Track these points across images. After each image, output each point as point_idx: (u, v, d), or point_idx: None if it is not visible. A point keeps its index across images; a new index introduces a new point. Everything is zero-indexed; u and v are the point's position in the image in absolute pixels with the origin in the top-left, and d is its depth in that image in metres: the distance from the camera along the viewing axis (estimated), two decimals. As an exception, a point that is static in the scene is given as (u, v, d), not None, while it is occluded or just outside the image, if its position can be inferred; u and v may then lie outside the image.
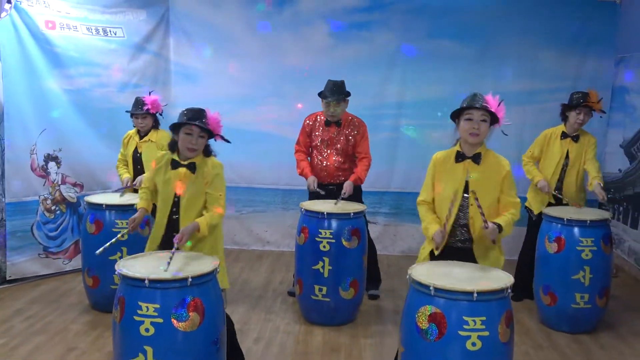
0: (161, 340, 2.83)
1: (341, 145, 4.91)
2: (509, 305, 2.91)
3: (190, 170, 3.34)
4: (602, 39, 6.16)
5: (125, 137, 5.21)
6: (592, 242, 4.31)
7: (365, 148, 4.93)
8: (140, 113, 5.00)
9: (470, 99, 3.26)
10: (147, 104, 4.98)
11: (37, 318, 4.51)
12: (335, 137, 4.91)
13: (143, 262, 3.10)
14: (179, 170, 3.34)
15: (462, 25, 6.23)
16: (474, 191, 3.19)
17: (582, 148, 4.85)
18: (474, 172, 3.26)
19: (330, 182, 4.92)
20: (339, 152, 4.91)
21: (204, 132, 3.31)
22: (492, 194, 3.27)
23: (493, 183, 3.26)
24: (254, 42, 6.40)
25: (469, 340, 2.75)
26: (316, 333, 4.36)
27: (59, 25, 5.38)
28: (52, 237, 5.48)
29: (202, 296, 2.91)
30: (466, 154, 3.29)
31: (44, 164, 5.36)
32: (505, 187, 3.27)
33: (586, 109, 4.80)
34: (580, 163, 4.85)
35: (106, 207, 4.63)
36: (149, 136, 5.08)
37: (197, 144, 3.30)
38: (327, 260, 4.36)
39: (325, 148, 4.93)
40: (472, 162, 3.28)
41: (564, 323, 4.45)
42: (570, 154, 4.86)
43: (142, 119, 5.03)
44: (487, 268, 3.16)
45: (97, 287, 4.62)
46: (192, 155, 3.34)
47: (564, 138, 4.88)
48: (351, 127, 4.93)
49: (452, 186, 3.26)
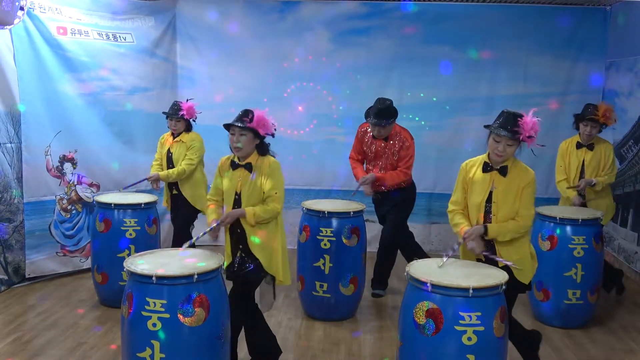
0: (168, 334, 2.83)
1: (386, 159, 4.82)
2: (504, 301, 2.90)
3: (247, 169, 3.39)
4: (593, 44, 6.15)
5: (162, 138, 5.25)
6: (583, 240, 4.29)
7: (404, 161, 4.77)
8: (175, 116, 5.02)
9: (502, 121, 3.16)
10: (183, 109, 5.01)
11: (49, 313, 4.50)
12: (382, 150, 4.83)
13: (151, 259, 3.10)
14: (237, 170, 3.41)
15: (457, 32, 6.22)
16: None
17: (598, 156, 4.80)
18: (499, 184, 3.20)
19: (374, 189, 4.86)
20: (384, 165, 4.83)
21: (245, 130, 3.32)
22: (514, 206, 3.19)
23: (515, 192, 3.19)
24: (257, 48, 6.39)
25: (465, 335, 2.75)
26: (317, 328, 4.35)
27: (71, 31, 5.37)
28: (69, 236, 5.46)
29: (207, 292, 2.91)
30: (494, 166, 3.24)
31: (59, 164, 5.36)
32: (524, 196, 3.19)
33: (592, 122, 4.76)
34: (598, 171, 4.79)
35: (115, 206, 4.62)
36: (180, 137, 5.11)
37: (240, 142, 3.34)
38: (328, 257, 4.35)
39: (374, 159, 4.87)
40: (498, 173, 3.22)
41: (556, 318, 4.43)
42: (585, 162, 4.83)
43: (176, 122, 5.06)
44: (483, 265, 3.16)
45: (106, 284, 4.62)
46: (239, 154, 3.39)
47: (579, 148, 4.85)
48: (397, 140, 4.79)
49: (478, 195, 3.22)
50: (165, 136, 5.22)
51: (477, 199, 3.23)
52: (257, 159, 3.41)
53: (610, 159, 4.81)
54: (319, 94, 5.51)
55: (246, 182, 3.38)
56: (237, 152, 3.39)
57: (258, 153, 3.42)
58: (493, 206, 3.20)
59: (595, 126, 4.78)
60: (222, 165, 3.50)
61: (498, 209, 3.19)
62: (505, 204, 3.18)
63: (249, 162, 3.40)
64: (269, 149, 3.47)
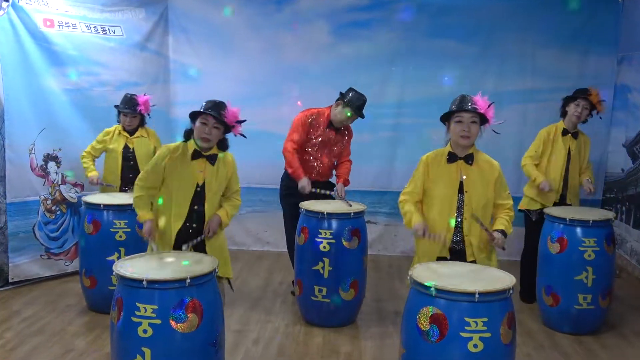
0: (159, 341, 2.82)
1: (336, 148, 4.97)
2: (511, 307, 2.90)
3: (210, 162, 3.40)
4: (604, 37, 6.14)
5: (108, 133, 5.23)
6: (594, 243, 4.29)
7: (349, 151, 5.06)
8: (132, 113, 5.03)
9: (459, 101, 3.35)
10: (140, 104, 5.02)
11: (34, 319, 4.49)
12: (334, 139, 4.92)
13: (142, 263, 3.09)
14: (199, 160, 3.39)
15: (463, 24, 6.21)
16: (474, 215, 3.27)
17: (580, 145, 4.94)
18: (466, 173, 3.35)
19: (319, 180, 4.94)
20: (334, 154, 4.97)
21: (219, 123, 3.33)
22: (486, 194, 3.35)
23: (485, 184, 3.35)
24: (253, 41, 6.38)
25: (471, 342, 2.73)
26: (316, 334, 4.34)
27: (58, 23, 5.35)
28: (53, 238, 5.45)
29: (200, 297, 2.90)
30: (458, 155, 3.35)
31: (43, 163, 5.34)
32: (498, 189, 3.38)
33: (585, 102, 4.80)
34: (580, 160, 4.93)
35: (104, 207, 4.60)
36: (139, 132, 5.16)
37: (211, 135, 3.34)
38: (327, 260, 4.34)
39: (323, 148, 4.92)
40: (464, 162, 3.35)
41: (566, 324, 4.42)
42: (571, 150, 4.91)
43: (132, 118, 5.12)
44: (489, 268, 3.16)
45: (95, 288, 4.60)
46: (206, 146, 3.38)
47: (565, 135, 4.89)
48: (346, 131, 5.02)
49: (447, 186, 3.33)
50: (118, 130, 5.22)
51: (448, 191, 3.33)
52: (217, 152, 3.46)
53: (587, 152, 4.98)
54: (318, 89, 5.51)
55: (213, 175, 3.40)
56: (204, 143, 3.37)
57: (218, 147, 3.46)
58: (465, 196, 3.32)
59: (587, 107, 4.82)
60: (172, 153, 3.39)
61: (470, 199, 3.31)
62: (476, 194, 3.32)
63: (214, 153, 3.43)
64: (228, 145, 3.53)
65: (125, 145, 5.18)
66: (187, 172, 3.39)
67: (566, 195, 4.93)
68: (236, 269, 5.82)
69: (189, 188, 3.39)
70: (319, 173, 4.94)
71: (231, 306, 4.73)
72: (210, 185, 3.42)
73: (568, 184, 4.92)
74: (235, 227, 6.54)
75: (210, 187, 3.42)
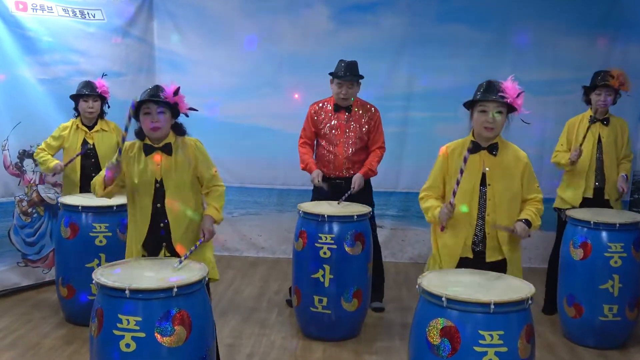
0: (143, 356, 2.81)
1: (353, 133, 4.85)
2: (530, 318, 2.90)
3: (166, 152, 3.36)
4: (633, 23, 6.12)
5: (65, 128, 5.17)
6: (621, 248, 4.28)
7: (380, 138, 4.92)
8: (92, 94, 5.04)
9: (485, 88, 3.29)
10: (98, 86, 5.05)
11: (6, 332, 4.49)
12: (345, 124, 4.86)
13: (124, 271, 3.08)
14: (153, 155, 3.36)
15: (477, 8, 6.20)
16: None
17: (615, 131, 4.85)
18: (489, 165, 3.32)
19: (338, 175, 4.88)
20: (350, 141, 4.85)
21: (163, 107, 3.31)
22: (512, 188, 3.33)
23: (511, 176, 3.33)
24: (246, 27, 6.38)
25: (486, 357, 2.73)
26: (315, 349, 4.34)
27: (32, 6, 5.35)
28: (29, 243, 5.43)
29: (188, 308, 2.89)
30: (481, 145, 3.33)
31: (18, 161, 5.34)
32: (526, 181, 3.35)
33: (606, 89, 4.77)
34: (616, 148, 4.84)
35: (82, 209, 4.59)
36: (99, 125, 5.15)
37: (160, 122, 3.31)
38: (328, 268, 4.33)
39: (335, 137, 4.87)
40: (488, 153, 3.33)
41: (590, 337, 4.42)
42: (602, 138, 4.84)
43: (93, 102, 5.09)
44: (505, 276, 3.16)
45: (72, 298, 4.59)
46: (159, 135, 3.35)
47: (593, 123, 4.83)
48: (364, 113, 4.89)
49: (469, 180, 3.30)
50: (74, 125, 5.16)
51: (469, 184, 3.30)
52: (175, 139, 3.41)
53: (626, 136, 4.87)
54: (316, 80, 5.51)
55: (171, 167, 3.36)
56: (154, 133, 3.34)
57: (175, 133, 3.42)
58: (488, 190, 3.31)
59: (611, 93, 4.79)
60: (127, 152, 3.39)
61: (494, 192, 3.30)
62: (501, 186, 3.30)
63: (167, 142, 3.38)
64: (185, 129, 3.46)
65: (84, 141, 5.13)
66: (143, 170, 3.37)
67: (604, 188, 4.84)
68: (228, 277, 5.83)
69: (148, 186, 3.37)
70: (335, 167, 4.88)
71: (223, 317, 4.73)
72: (168, 178, 3.36)
73: (605, 176, 4.84)
74: (227, 230, 6.54)
75: (169, 180, 3.36)
